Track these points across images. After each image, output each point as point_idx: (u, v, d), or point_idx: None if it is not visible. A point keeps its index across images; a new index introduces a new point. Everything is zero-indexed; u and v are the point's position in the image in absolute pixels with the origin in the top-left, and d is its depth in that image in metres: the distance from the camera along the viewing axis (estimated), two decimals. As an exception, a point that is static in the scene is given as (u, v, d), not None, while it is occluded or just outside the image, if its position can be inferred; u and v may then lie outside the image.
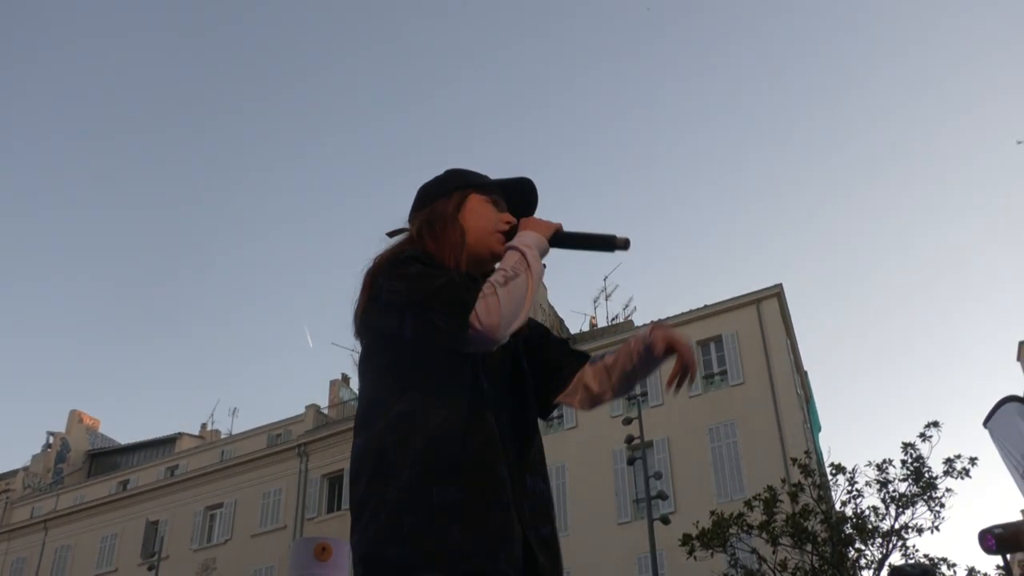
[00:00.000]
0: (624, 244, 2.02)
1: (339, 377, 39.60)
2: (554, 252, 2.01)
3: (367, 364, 1.90)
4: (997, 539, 5.69)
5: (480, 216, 1.98)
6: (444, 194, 2.00)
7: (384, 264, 1.86)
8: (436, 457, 1.72)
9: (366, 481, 1.78)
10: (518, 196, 2.07)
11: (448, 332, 1.74)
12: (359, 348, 1.93)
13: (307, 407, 36.99)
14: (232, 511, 34.74)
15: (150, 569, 27.49)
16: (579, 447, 28.63)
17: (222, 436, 42.26)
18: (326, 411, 37.64)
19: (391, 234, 2.03)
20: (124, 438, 48.60)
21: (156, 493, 37.03)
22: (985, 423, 10.05)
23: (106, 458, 45.77)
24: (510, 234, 1.96)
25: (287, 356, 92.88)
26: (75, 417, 46.83)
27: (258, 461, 35.28)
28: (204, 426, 44.98)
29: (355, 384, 39.03)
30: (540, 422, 2.01)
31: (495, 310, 1.73)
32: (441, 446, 1.73)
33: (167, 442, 43.44)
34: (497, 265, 1.89)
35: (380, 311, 1.83)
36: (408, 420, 1.77)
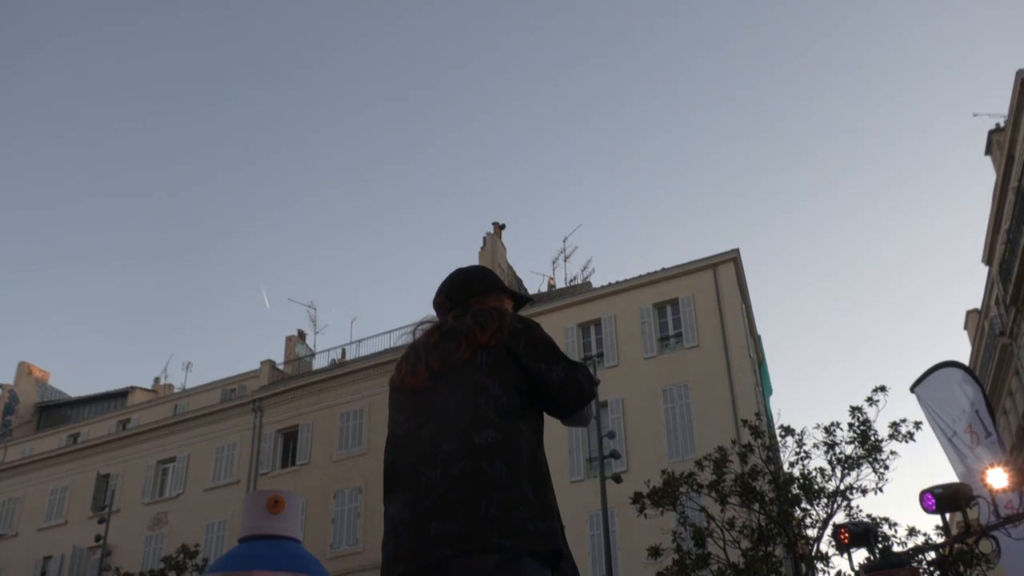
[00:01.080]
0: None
1: (295, 333, 39.39)
2: (516, 207, 2.07)
3: (496, 372, 2.51)
4: (937, 499, 5.84)
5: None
6: (499, 288, 2.88)
7: (523, 320, 2.65)
8: (547, 471, 2.50)
9: (517, 470, 2.37)
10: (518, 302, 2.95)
11: (588, 393, 2.58)
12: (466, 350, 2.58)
13: (262, 363, 36.79)
14: (185, 465, 34.58)
15: (101, 522, 27.33)
16: (534, 406, 28.82)
17: (175, 390, 41.91)
18: (281, 367, 37.47)
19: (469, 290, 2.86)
20: (74, 391, 48.06)
21: (107, 447, 36.73)
22: (913, 387, 10.20)
23: (56, 411, 45.21)
24: None
25: (242, 312, 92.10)
26: (24, 369, 46.11)
27: (212, 416, 35.09)
28: (157, 380, 44.58)
29: (311, 340, 38.92)
30: None
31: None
32: (545, 465, 2.50)
33: (119, 396, 43.00)
34: None
35: (535, 351, 2.56)
36: (539, 436, 2.54)
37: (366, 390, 32.24)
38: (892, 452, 17.99)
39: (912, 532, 17.76)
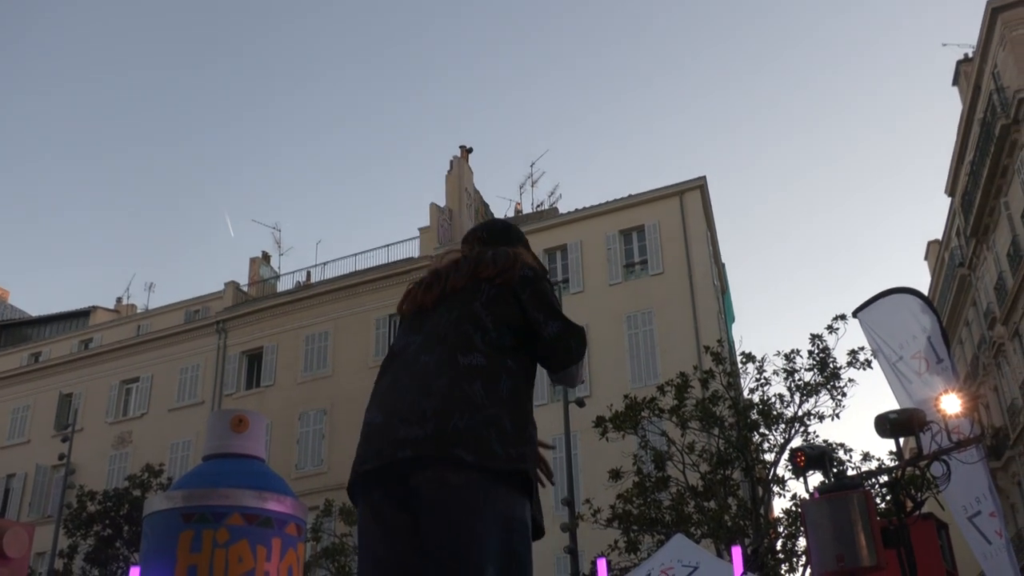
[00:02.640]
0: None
1: (259, 255, 39.04)
2: (483, 130, 2.03)
3: (494, 307, 2.57)
4: (892, 424, 5.97)
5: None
6: (523, 241, 2.95)
7: (534, 269, 2.68)
8: (528, 409, 2.54)
9: (495, 395, 2.43)
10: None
11: (575, 355, 2.60)
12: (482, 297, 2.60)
13: (226, 284, 36.48)
14: (149, 385, 34.51)
15: (64, 441, 27.30)
16: (499, 331, 28.97)
17: (138, 311, 41.55)
18: (246, 288, 37.22)
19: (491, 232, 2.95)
20: (35, 310, 47.49)
21: (69, 366, 36.51)
22: (856, 312, 10.21)
23: (16, 330, 44.70)
24: None
25: (205, 233, 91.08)
26: (-18, 287, 45.42)
27: (175, 337, 34.91)
28: (119, 300, 44.10)
29: (276, 262, 38.64)
30: None
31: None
32: (528, 403, 2.56)
33: (80, 315, 42.56)
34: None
35: (539, 301, 2.60)
36: (527, 377, 2.59)
37: (331, 312, 32.19)
38: (850, 380, 18.33)
39: (867, 457, 18.21)
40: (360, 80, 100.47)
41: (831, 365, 18.31)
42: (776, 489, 18.54)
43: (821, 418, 18.22)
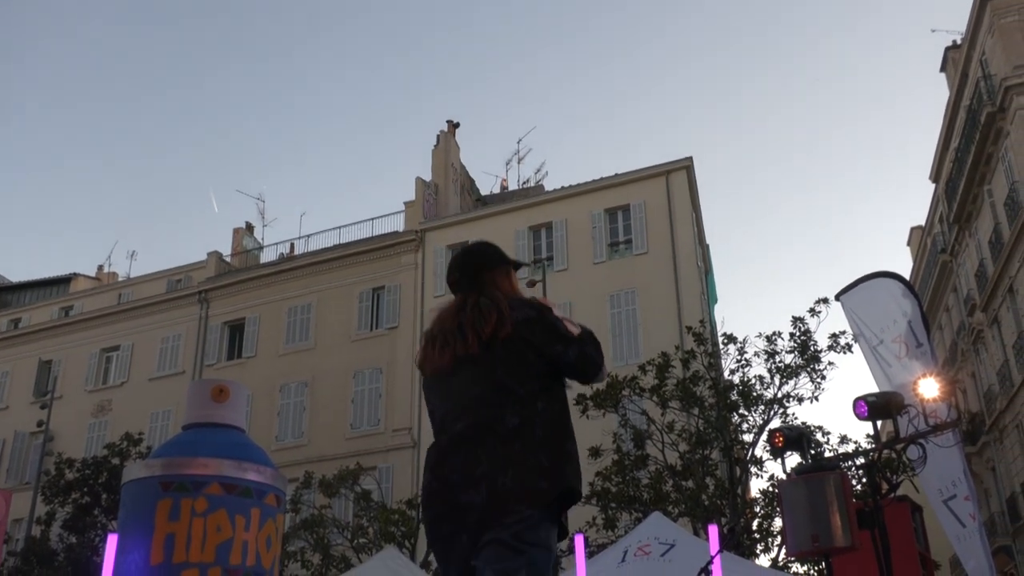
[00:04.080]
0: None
1: (243, 225, 38.83)
2: (471, 106, 2.01)
3: (514, 367, 2.87)
4: (870, 407, 6.01)
5: (515, 285, 3.20)
6: (506, 261, 3.20)
7: (530, 305, 2.99)
8: (566, 433, 2.93)
9: (533, 447, 2.80)
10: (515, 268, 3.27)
11: (598, 362, 2.96)
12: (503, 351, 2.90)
13: (209, 254, 36.31)
14: (129, 354, 34.36)
15: (43, 408, 27.20)
16: (483, 307, 28.97)
17: (119, 279, 41.30)
18: (228, 259, 37.04)
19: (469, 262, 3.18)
20: (15, 276, 47.10)
21: (49, 333, 36.31)
22: (839, 295, 10.27)
23: (-5, 295, 44.36)
24: None
25: (189, 202, 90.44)
26: (-38, 252, 44.99)
27: (157, 306, 34.75)
28: (100, 268, 43.81)
29: (259, 233, 38.43)
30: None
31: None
32: (566, 425, 2.94)
33: (61, 282, 42.27)
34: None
35: (549, 336, 2.91)
36: (560, 403, 2.95)
37: (314, 285, 32.10)
38: (830, 363, 18.42)
39: (844, 440, 18.35)
40: (348, 52, 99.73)
41: (812, 348, 18.39)
42: (754, 470, 18.69)
43: (800, 400, 18.30)
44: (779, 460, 6.56)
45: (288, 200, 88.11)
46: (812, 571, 17.77)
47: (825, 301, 18.48)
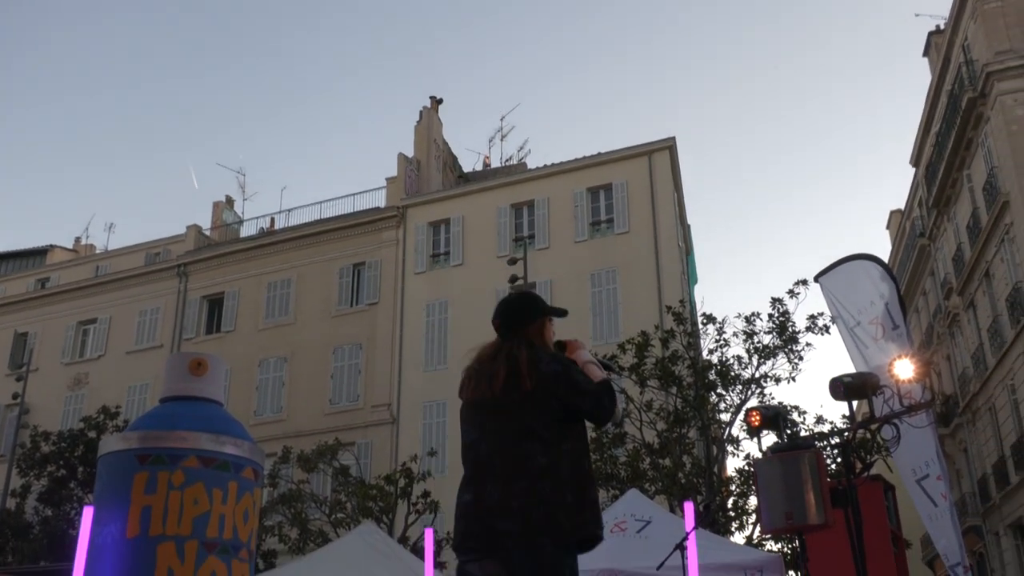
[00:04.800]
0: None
1: (223, 199, 38.56)
2: (454, 82, 2.00)
3: (540, 414, 3.32)
4: (846, 387, 6.07)
5: (550, 333, 3.71)
6: (543, 313, 3.70)
7: (558, 360, 3.46)
8: (587, 472, 3.43)
9: (559, 485, 3.27)
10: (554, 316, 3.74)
11: (611, 411, 3.39)
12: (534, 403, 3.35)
13: (188, 227, 36.05)
14: (106, 327, 34.12)
15: (18, 380, 27.00)
16: (463, 284, 29.00)
17: (97, 251, 40.94)
18: (208, 232, 36.78)
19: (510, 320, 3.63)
20: (-10, 247, 46.56)
21: (25, 305, 36.01)
22: (818, 277, 10.34)
23: (-29, 266, 43.90)
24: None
25: (168, 175, 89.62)
26: (-63, 222, 44.42)
27: (135, 279, 34.50)
28: (78, 240, 43.39)
29: (240, 207, 38.16)
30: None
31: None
32: (586, 467, 3.44)
33: (37, 253, 41.87)
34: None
35: (572, 390, 3.35)
36: (581, 441, 3.46)
37: (294, 260, 31.95)
38: (807, 344, 18.56)
39: (820, 420, 18.53)
40: (331, 26, 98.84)
41: (790, 329, 18.51)
42: (730, 449, 18.85)
43: (778, 380, 18.46)
44: (755, 439, 6.62)
45: (269, 174, 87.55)
46: (786, 548, 17.99)
47: (804, 283, 18.58)
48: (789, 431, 6.42)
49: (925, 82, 34.49)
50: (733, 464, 20.05)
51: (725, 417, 18.98)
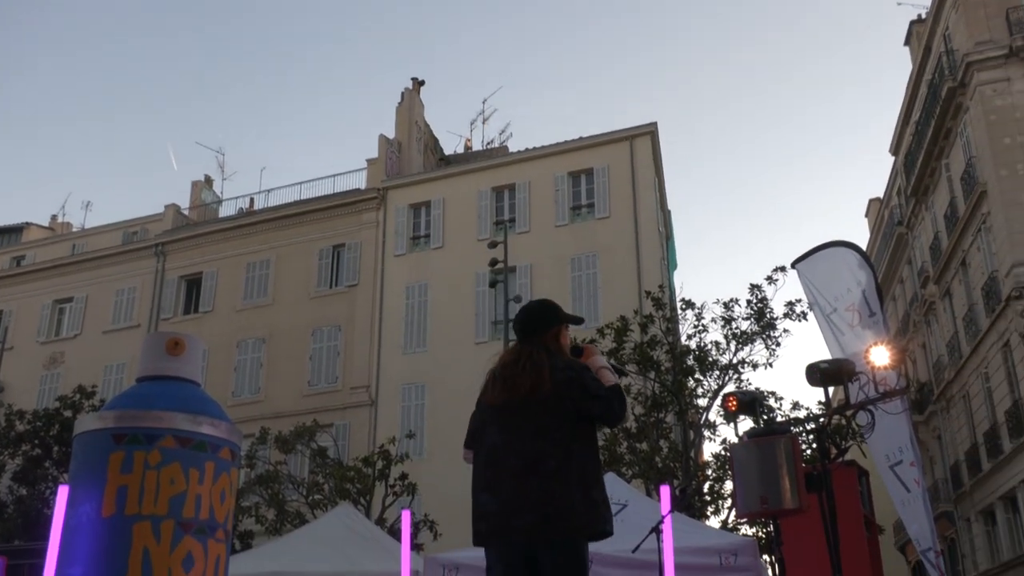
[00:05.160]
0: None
1: (202, 178, 38.26)
2: (437, 64, 1.99)
3: (554, 415, 3.60)
4: (822, 373, 6.11)
5: (566, 339, 3.95)
6: (560, 321, 3.94)
7: (572, 366, 3.71)
8: (597, 470, 3.70)
9: (570, 484, 3.55)
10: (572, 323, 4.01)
11: (620, 415, 3.72)
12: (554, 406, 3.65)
13: (167, 206, 35.76)
14: (83, 306, 33.85)
15: (-6, 358, 26.77)
16: (443, 267, 28.96)
17: (73, 229, 40.55)
18: (187, 212, 36.50)
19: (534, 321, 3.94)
20: (-36, 224, 46.01)
21: (0, 283, 35.61)
22: (795, 263, 10.36)
23: (-56, 243, 43.38)
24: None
25: (147, 152, 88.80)
26: (-90, 197, 43.83)
27: (112, 258, 34.21)
28: (54, 218, 42.97)
29: (219, 187, 37.88)
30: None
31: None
32: (596, 466, 3.70)
33: (12, 231, 41.44)
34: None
35: (584, 395, 3.61)
36: (590, 441, 3.72)
37: (274, 240, 31.78)
38: (785, 330, 18.68)
39: (796, 406, 18.67)
40: (314, 6, 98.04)
41: (768, 315, 18.61)
42: (707, 434, 18.97)
43: (755, 366, 18.58)
44: (732, 424, 6.66)
45: (249, 154, 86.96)
46: (760, 532, 18.16)
47: (783, 270, 18.67)
48: (765, 416, 6.47)
49: (906, 71, 34.66)
50: (710, 449, 20.21)
51: (702, 402, 19.10)
